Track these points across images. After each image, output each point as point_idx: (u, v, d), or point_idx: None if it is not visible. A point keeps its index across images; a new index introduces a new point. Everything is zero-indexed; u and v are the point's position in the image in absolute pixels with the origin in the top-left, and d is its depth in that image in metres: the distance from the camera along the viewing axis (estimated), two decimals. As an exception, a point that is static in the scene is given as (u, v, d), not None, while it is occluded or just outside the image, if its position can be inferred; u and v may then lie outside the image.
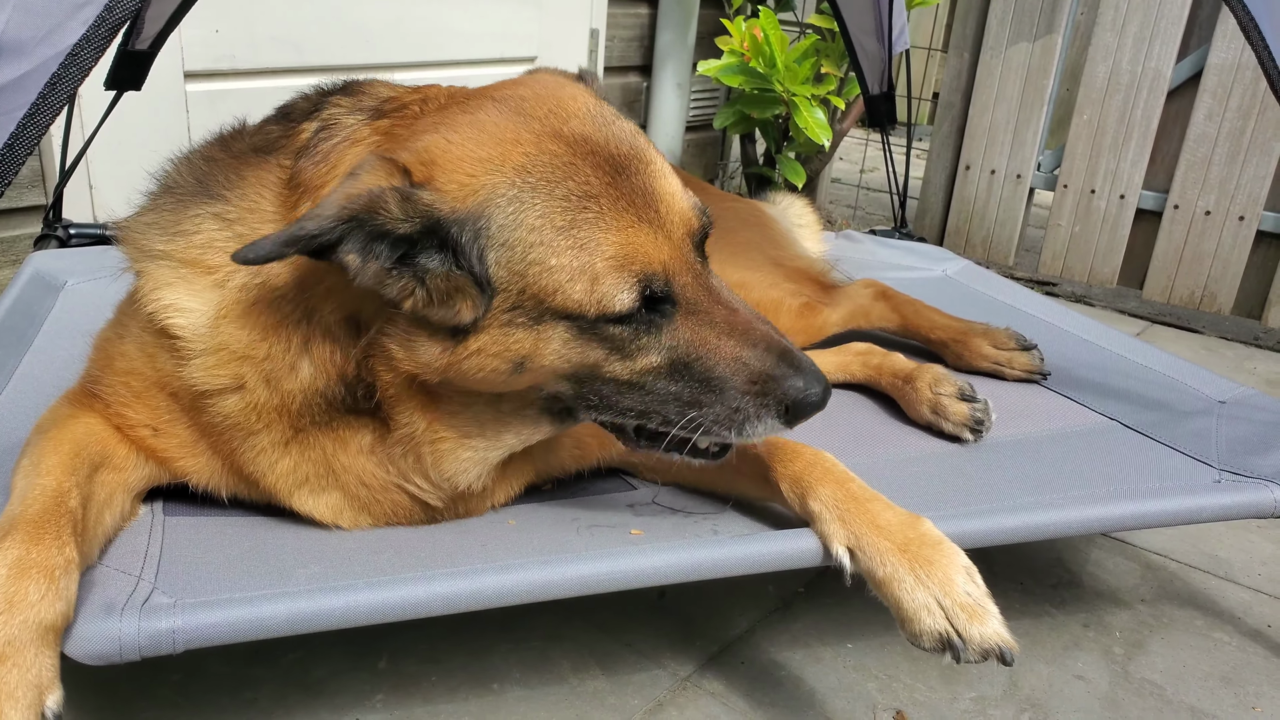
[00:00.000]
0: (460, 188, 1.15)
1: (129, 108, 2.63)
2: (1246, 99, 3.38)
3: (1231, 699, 1.64)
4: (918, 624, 1.28)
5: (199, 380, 1.30)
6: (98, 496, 1.31)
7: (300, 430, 1.33)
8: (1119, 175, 3.68)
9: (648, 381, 1.23)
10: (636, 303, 1.17)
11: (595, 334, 1.19)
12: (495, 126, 1.19)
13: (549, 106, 1.22)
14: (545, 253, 1.15)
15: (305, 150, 1.29)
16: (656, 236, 1.19)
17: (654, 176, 1.22)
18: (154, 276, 1.31)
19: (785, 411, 1.21)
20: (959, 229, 4.13)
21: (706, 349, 1.21)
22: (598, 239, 1.16)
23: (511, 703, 1.51)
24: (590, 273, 1.15)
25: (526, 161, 1.16)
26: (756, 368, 1.21)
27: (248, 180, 1.32)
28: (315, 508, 1.39)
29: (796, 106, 3.78)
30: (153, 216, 1.36)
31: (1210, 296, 3.58)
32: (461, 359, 1.21)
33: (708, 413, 1.23)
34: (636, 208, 1.19)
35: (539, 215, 1.15)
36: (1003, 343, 2.15)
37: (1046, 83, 3.78)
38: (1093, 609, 1.86)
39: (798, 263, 2.24)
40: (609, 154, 1.20)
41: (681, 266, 1.21)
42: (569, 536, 1.43)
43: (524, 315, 1.19)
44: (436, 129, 1.21)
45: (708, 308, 1.22)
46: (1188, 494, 1.62)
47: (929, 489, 1.65)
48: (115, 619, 1.12)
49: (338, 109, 1.32)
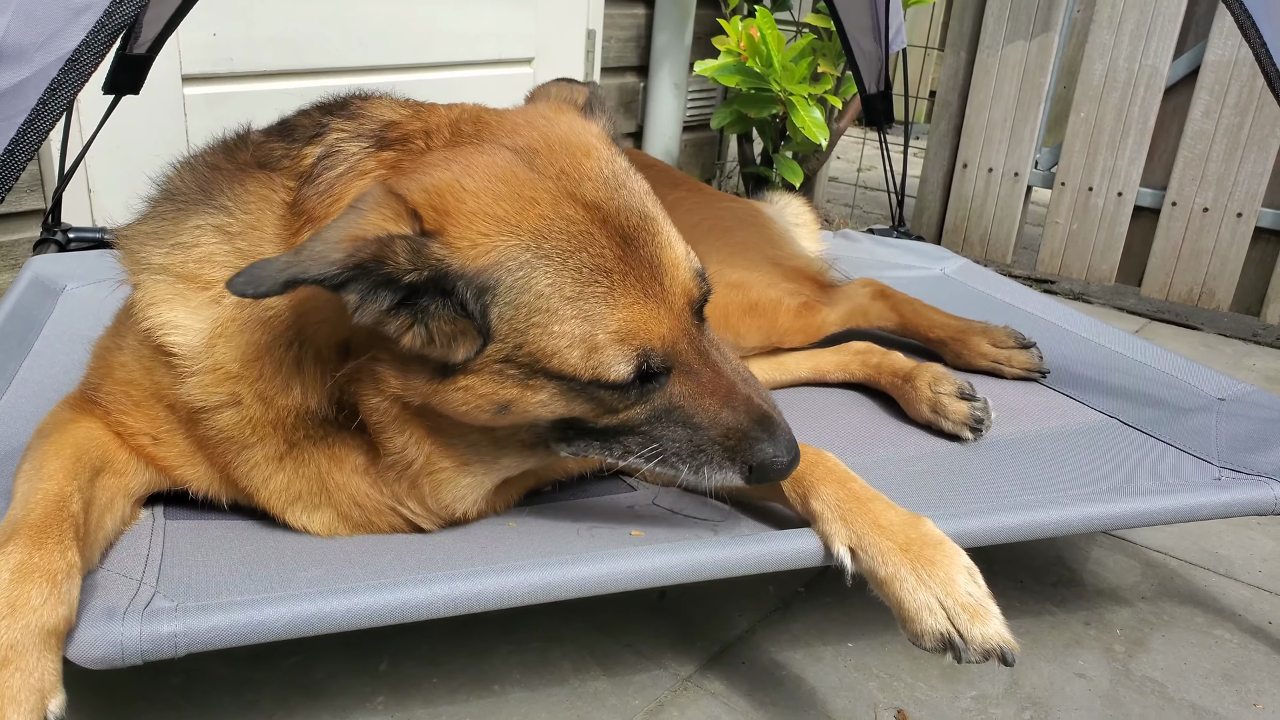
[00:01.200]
0: (472, 245, 1.14)
1: (127, 111, 2.63)
2: (1244, 95, 3.38)
3: (1233, 696, 1.65)
4: (919, 624, 1.28)
5: (195, 397, 1.29)
6: (99, 501, 1.31)
7: (295, 445, 1.33)
8: (1116, 173, 3.69)
9: (625, 430, 1.28)
10: (632, 376, 1.20)
11: (585, 394, 1.22)
12: (513, 181, 1.18)
13: (564, 163, 1.21)
14: (549, 319, 1.16)
15: (309, 177, 1.27)
16: (659, 311, 1.21)
17: (661, 247, 1.23)
18: (151, 291, 1.31)
19: (749, 471, 1.27)
20: (956, 227, 4.13)
21: (689, 406, 1.26)
22: (603, 313, 1.17)
23: (513, 704, 1.51)
24: (590, 343, 1.17)
25: (542, 226, 1.16)
26: (731, 425, 1.25)
27: (251, 195, 1.30)
28: (310, 524, 1.39)
29: (793, 106, 3.78)
30: (153, 225, 1.35)
31: (1209, 293, 3.58)
32: (449, 390, 1.22)
33: (678, 455, 1.28)
34: (643, 282, 1.20)
35: (549, 283, 1.16)
36: (1001, 341, 2.15)
37: (1043, 80, 3.78)
38: (1093, 607, 1.86)
39: (796, 262, 2.23)
40: (620, 224, 1.21)
41: (680, 336, 1.24)
42: (569, 538, 1.43)
43: (515, 368, 1.20)
44: (448, 167, 1.19)
45: (698, 370, 1.26)
46: (1188, 491, 1.62)
47: (929, 488, 1.65)
48: (117, 623, 1.12)
49: (340, 135, 1.29)
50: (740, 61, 3.84)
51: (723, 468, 1.27)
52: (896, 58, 3.26)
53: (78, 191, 2.87)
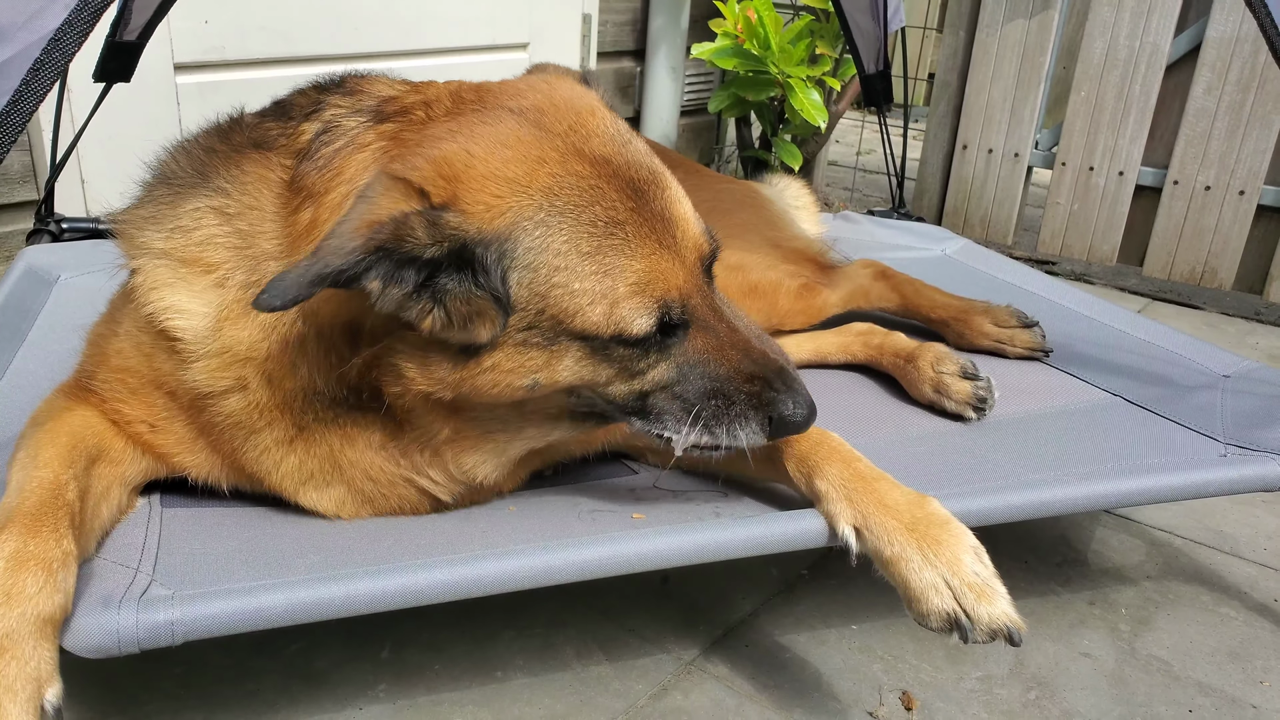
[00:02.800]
0: (486, 209, 1.14)
1: (119, 101, 2.60)
2: (1246, 72, 3.35)
3: (1239, 674, 1.64)
4: (925, 604, 1.27)
5: (201, 383, 1.28)
6: (95, 489, 1.30)
7: (304, 429, 1.32)
8: (1118, 152, 3.66)
9: (652, 392, 1.26)
10: (653, 327, 1.20)
11: (607, 353, 1.21)
12: (519, 142, 1.17)
13: (569, 122, 1.22)
14: (569, 277, 1.16)
15: (307, 153, 1.25)
16: (674, 263, 1.22)
17: (671, 201, 1.24)
18: (152, 275, 1.29)
19: (769, 423, 1.26)
20: (957, 209, 4.11)
21: (712, 360, 1.25)
22: (622, 265, 1.17)
23: (515, 689, 1.50)
24: (611, 297, 1.17)
25: (553, 183, 1.16)
26: (754, 373, 1.25)
27: (249, 175, 1.29)
28: (319, 502, 1.38)
29: (792, 88, 3.75)
30: (150, 210, 1.34)
31: (1211, 272, 3.56)
32: (475, 375, 1.21)
33: (706, 409, 1.26)
34: (657, 234, 1.20)
35: (565, 240, 1.16)
36: (1004, 320, 2.13)
37: (1043, 60, 3.75)
38: (1098, 586, 1.85)
39: (796, 244, 2.22)
40: (630, 177, 1.21)
41: (694, 290, 1.24)
42: (570, 521, 1.42)
43: (539, 335, 1.19)
44: (454, 138, 1.18)
45: (714, 325, 1.26)
46: (1194, 468, 1.60)
47: (932, 468, 1.64)
48: (113, 611, 1.11)
49: (338, 110, 1.28)
50: (738, 44, 3.80)
51: (749, 421, 1.25)
52: (895, 37, 3.23)
53: (71, 182, 2.85)
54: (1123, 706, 1.55)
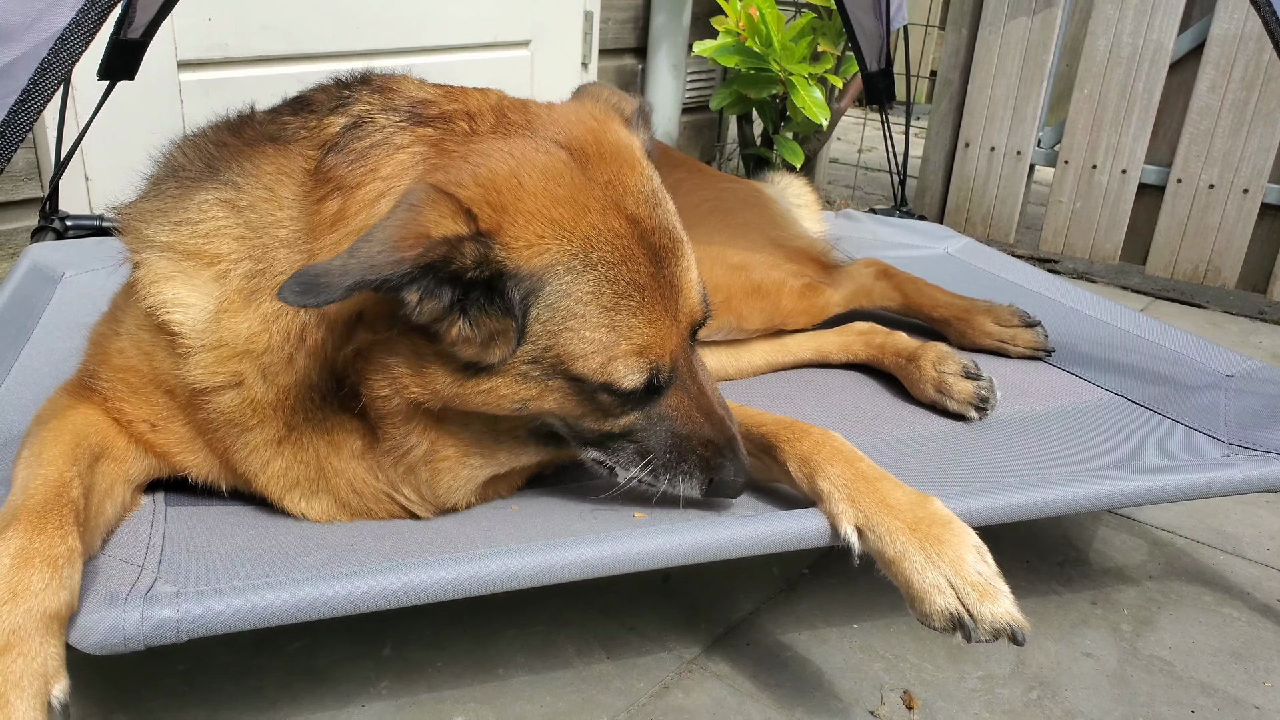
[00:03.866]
0: (528, 246, 1.17)
1: (123, 98, 2.60)
2: (1250, 70, 3.34)
3: (1242, 674, 1.64)
4: (928, 603, 1.27)
5: (197, 378, 1.28)
6: (99, 487, 1.30)
7: (294, 429, 1.31)
8: (1121, 150, 3.65)
9: (618, 434, 1.33)
10: (640, 386, 1.26)
11: (593, 397, 1.27)
12: (568, 185, 1.20)
13: (612, 173, 1.25)
14: (583, 324, 1.21)
15: (335, 146, 1.24)
16: (672, 329, 1.28)
17: (682, 270, 1.29)
18: (154, 269, 1.29)
19: (709, 483, 1.36)
20: (959, 207, 4.10)
21: (679, 419, 1.33)
22: (630, 325, 1.23)
23: (517, 687, 1.50)
24: (613, 352, 1.22)
25: (592, 235, 1.20)
26: (709, 439, 1.34)
27: (263, 169, 1.28)
28: (308, 510, 1.38)
29: (794, 86, 3.75)
30: (156, 203, 1.33)
31: (1215, 271, 3.56)
32: (471, 392, 1.24)
33: (658, 460, 1.35)
34: (664, 301, 1.26)
35: (590, 291, 1.20)
36: (1006, 320, 2.13)
37: (1046, 57, 3.75)
38: (1100, 586, 1.85)
39: (798, 243, 2.21)
40: (654, 243, 1.26)
41: (681, 353, 1.31)
42: (572, 520, 1.42)
43: (540, 369, 1.23)
44: (503, 159, 1.19)
45: (689, 387, 1.33)
46: (1197, 468, 1.60)
47: (934, 468, 1.64)
48: (119, 608, 1.12)
49: (367, 106, 1.27)
50: (739, 41, 3.80)
51: (692, 478, 1.35)
52: (897, 35, 3.22)
53: (75, 179, 2.85)
54: (1125, 706, 1.55)
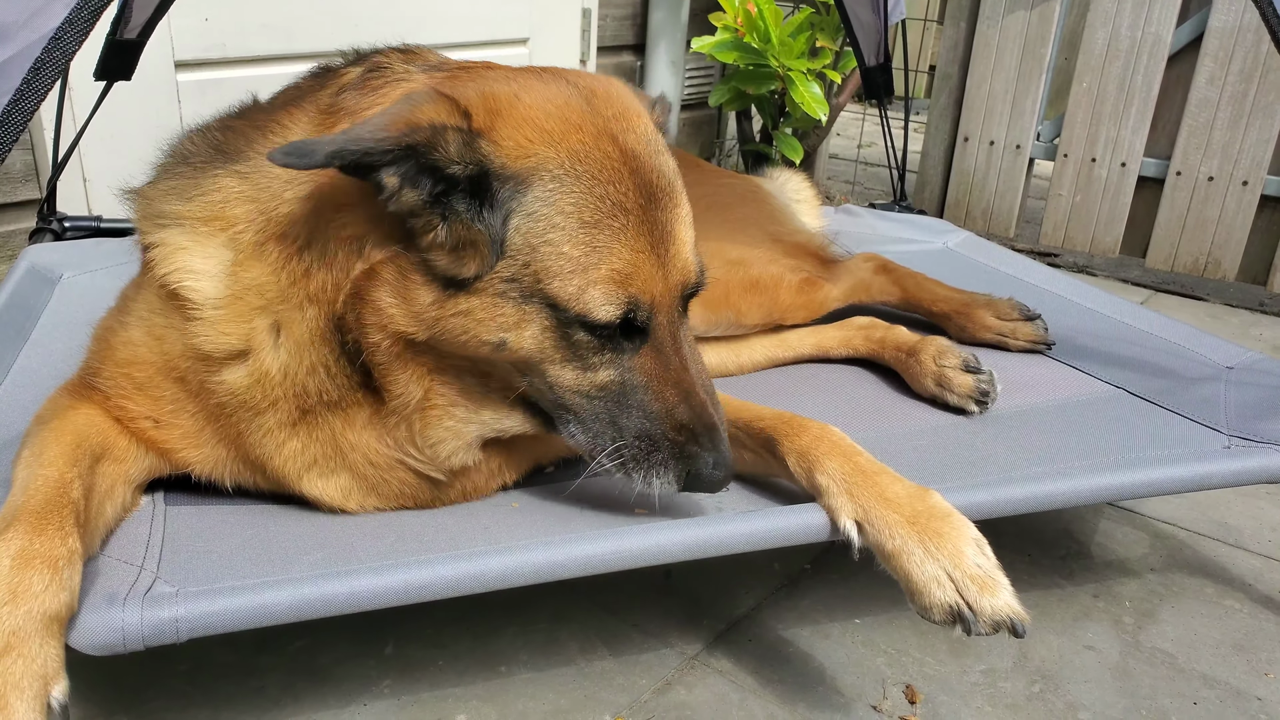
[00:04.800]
0: (517, 148, 1.18)
1: (121, 99, 2.60)
2: (1248, 62, 3.34)
3: (1244, 666, 1.64)
4: (928, 597, 1.27)
5: (208, 340, 1.28)
6: (100, 487, 1.30)
7: (308, 411, 1.32)
8: (1120, 143, 3.65)
9: (593, 395, 1.28)
10: (615, 320, 1.23)
11: (566, 335, 1.24)
12: (563, 105, 1.22)
13: (615, 110, 1.27)
14: (563, 237, 1.19)
15: (349, 85, 1.29)
16: (657, 273, 1.25)
17: (677, 220, 1.27)
18: (169, 243, 1.31)
19: (685, 476, 1.28)
20: (958, 201, 4.10)
21: (652, 387, 1.28)
22: (612, 248, 1.21)
23: (519, 685, 1.50)
24: (591, 274, 1.20)
25: (581, 150, 1.20)
26: (684, 421, 1.27)
27: (271, 129, 1.31)
28: (325, 490, 1.38)
29: (792, 81, 3.75)
30: (169, 184, 1.35)
31: (1214, 263, 3.55)
32: (450, 315, 1.22)
33: (630, 441, 1.28)
34: (653, 239, 1.24)
35: (572, 203, 1.19)
36: (1006, 313, 2.13)
37: (1045, 51, 3.74)
38: (1102, 579, 1.85)
39: (797, 238, 2.21)
40: (649, 180, 1.24)
41: (665, 308, 1.27)
42: (573, 517, 1.42)
43: (517, 290, 1.21)
44: (506, 83, 1.23)
45: (668, 354, 1.28)
46: (1197, 460, 1.60)
47: (935, 462, 1.64)
48: (118, 609, 1.12)
49: (388, 59, 1.32)
50: (738, 37, 3.79)
51: (667, 470, 1.28)
52: (895, 29, 3.22)
53: (73, 180, 2.85)
54: (1127, 699, 1.55)
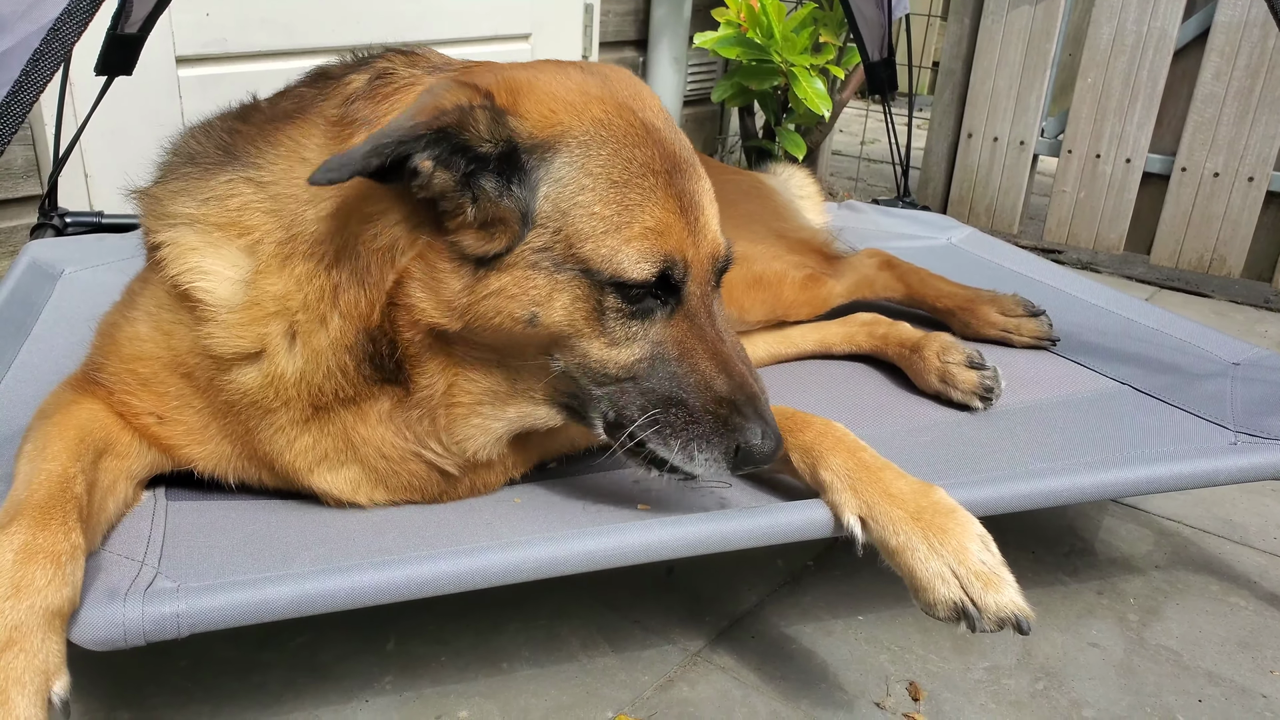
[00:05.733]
0: (541, 119, 1.19)
1: (122, 94, 2.60)
2: (1255, 57, 3.32)
3: (1249, 663, 1.63)
4: (932, 593, 1.26)
5: (220, 343, 1.27)
6: (102, 483, 1.30)
7: (320, 408, 1.31)
8: (1125, 139, 3.63)
9: (625, 370, 1.25)
10: (651, 278, 1.21)
11: (599, 303, 1.21)
12: (580, 81, 1.25)
13: (630, 90, 1.29)
14: (593, 198, 1.19)
15: (358, 94, 1.28)
16: (688, 238, 1.24)
17: (701, 191, 1.28)
18: (180, 242, 1.30)
19: (735, 452, 1.24)
20: (962, 198, 4.09)
21: (687, 359, 1.25)
22: (644, 206, 1.20)
23: (521, 681, 1.50)
24: (625, 232, 1.19)
25: (605, 117, 1.22)
26: (724, 394, 1.24)
27: (283, 141, 1.30)
28: (334, 483, 1.37)
29: (795, 77, 3.73)
30: (178, 184, 1.34)
31: (1220, 260, 3.54)
32: (481, 297, 1.21)
33: (668, 416, 1.24)
34: (681, 205, 1.24)
35: (600, 165, 1.20)
36: (1010, 309, 2.12)
37: (1049, 46, 3.72)
38: (1106, 576, 1.84)
39: (801, 234, 2.20)
40: (671, 151, 1.25)
41: (699, 277, 1.26)
42: (575, 512, 1.42)
43: (549, 259, 1.20)
44: (522, 69, 1.25)
45: (703, 325, 1.26)
46: (1203, 457, 1.59)
47: (939, 458, 1.63)
48: (119, 604, 1.11)
49: (391, 63, 1.31)
50: (740, 33, 3.78)
51: (712, 448, 1.23)
52: (899, 24, 3.20)
53: (74, 176, 2.85)
54: (1131, 696, 1.54)
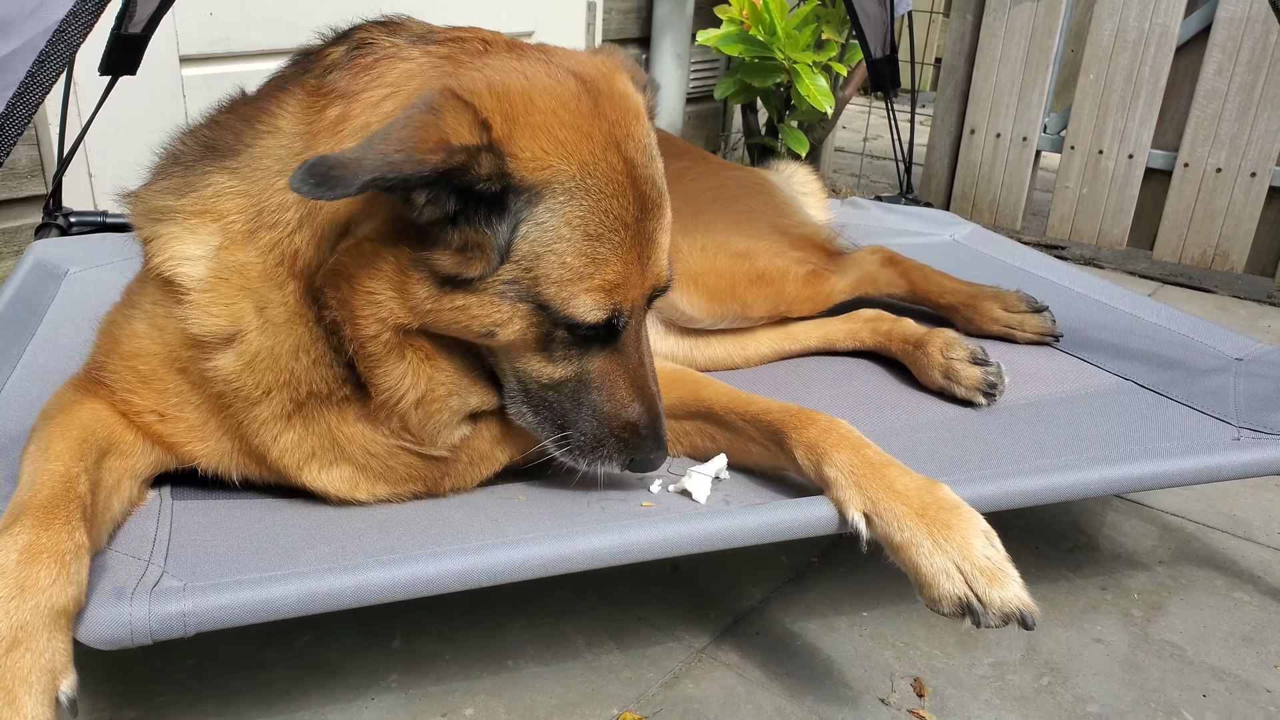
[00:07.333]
0: (533, 160, 1.19)
1: (126, 94, 2.60)
2: (1257, 52, 3.31)
3: (1253, 658, 1.63)
4: (936, 589, 1.26)
5: (193, 322, 1.28)
6: (106, 482, 1.31)
7: (301, 404, 1.32)
8: (1127, 134, 3.63)
9: (552, 386, 1.33)
10: (599, 323, 1.27)
11: (548, 332, 1.27)
12: (575, 110, 1.22)
13: (619, 112, 1.27)
14: (567, 248, 1.22)
15: (336, 65, 1.26)
16: (639, 281, 1.30)
17: (661, 229, 1.32)
18: (164, 235, 1.31)
19: (630, 464, 1.38)
20: (965, 194, 4.08)
21: (606, 387, 1.34)
22: (608, 260, 1.25)
23: (526, 679, 1.50)
24: (586, 283, 1.24)
25: (592, 161, 1.22)
26: (631, 419, 1.35)
27: (259, 119, 1.30)
28: (329, 482, 1.38)
29: (798, 74, 3.73)
30: (163, 184, 1.36)
31: (1222, 255, 3.53)
32: (445, 308, 1.24)
33: (575, 435, 1.36)
34: (640, 249, 1.28)
35: (580, 216, 1.22)
36: (1013, 305, 2.12)
37: (1051, 43, 3.72)
38: (1110, 571, 1.84)
39: (803, 230, 2.20)
40: (643, 191, 1.28)
41: (638, 311, 1.33)
42: (579, 510, 1.42)
43: (515, 290, 1.23)
44: (517, 75, 1.21)
45: (629, 353, 1.35)
46: (1207, 452, 1.59)
47: (943, 454, 1.63)
48: (125, 603, 1.12)
49: (370, 34, 1.30)
50: (743, 30, 3.78)
51: (610, 460, 1.37)
52: (902, 21, 3.20)
53: (78, 176, 2.85)
54: (1136, 691, 1.54)
